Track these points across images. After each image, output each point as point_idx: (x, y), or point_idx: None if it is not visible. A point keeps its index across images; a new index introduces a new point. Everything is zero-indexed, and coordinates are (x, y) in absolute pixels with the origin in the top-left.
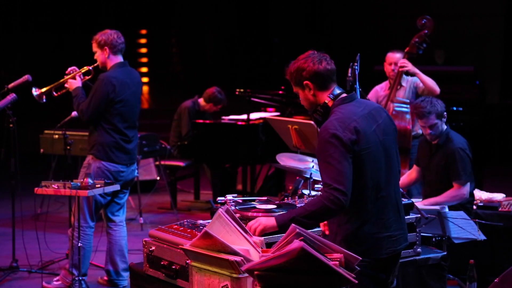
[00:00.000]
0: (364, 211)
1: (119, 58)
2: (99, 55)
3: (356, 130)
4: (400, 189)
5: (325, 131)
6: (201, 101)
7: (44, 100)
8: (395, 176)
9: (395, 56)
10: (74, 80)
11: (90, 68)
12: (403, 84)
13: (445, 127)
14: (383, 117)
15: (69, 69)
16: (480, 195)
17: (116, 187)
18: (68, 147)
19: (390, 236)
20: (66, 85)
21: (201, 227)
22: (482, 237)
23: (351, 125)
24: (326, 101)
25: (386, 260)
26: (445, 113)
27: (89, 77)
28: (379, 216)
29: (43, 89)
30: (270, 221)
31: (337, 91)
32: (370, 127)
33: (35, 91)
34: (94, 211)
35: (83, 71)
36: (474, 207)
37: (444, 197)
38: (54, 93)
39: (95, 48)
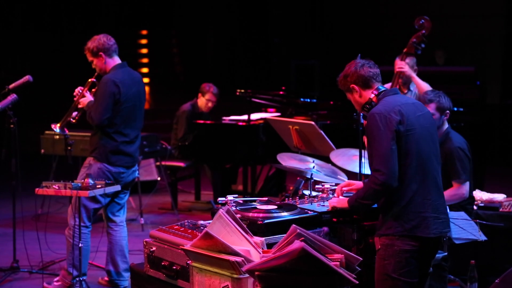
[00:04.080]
0: (410, 190)
1: (116, 60)
2: (97, 63)
3: (400, 112)
4: None
5: (371, 115)
6: (199, 101)
7: (66, 131)
8: (438, 163)
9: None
10: (84, 98)
11: (94, 80)
12: (411, 88)
13: (446, 126)
14: (425, 110)
15: (76, 91)
16: (481, 195)
17: (117, 187)
18: (69, 148)
19: (437, 218)
20: (79, 106)
21: (201, 227)
22: (483, 237)
23: (396, 108)
24: (371, 97)
25: (433, 241)
26: (447, 111)
27: (96, 88)
28: (426, 196)
29: (59, 123)
30: (344, 203)
31: (381, 88)
32: (414, 113)
33: (55, 128)
34: (93, 212)
35: (88, 86)
36: (475, 207)
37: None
38: (72, 120)
39: (90, 57)
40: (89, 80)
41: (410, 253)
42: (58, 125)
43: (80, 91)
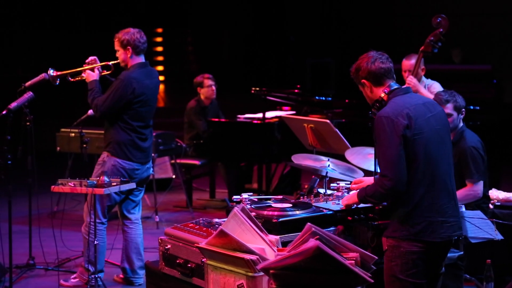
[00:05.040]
0: (417, 194)
1: (141, 58)
2: (121, 54)
3: (408, 116)
4: None
5: (378, 118)
6: (201, 96)
7: (57, 83)
8: (449, 165)
9: (408, 63)
10: (92, 72)
11: (110, 64)
12: (423, 80)
13: (461, 124)
14: (437, 110)
15: (90, 58)
16: (497, 194)
17: (132, 185)
18: (85, 145)
19: (444, 222)
20: (83, 74)
21: (216, 225)
22: (499, 236)
23: (404, 112)
24: (382, 96)
25: (440, 245)
26: (463, 109)
27: (108, 72)
28: (433, 200)
29: (60, 72)
30: (354, 198)
31: (393, 86)
32: (423, 115)
33: (52, 72)
34: (108, 209)
35: (102, 65)
36: (491, 206)
37: (458, 195)
38: (70, 78)
39: (117, 46)
40: (107, 62)
41: (417, 255)
42: (57, 73)
43: (94, 62)
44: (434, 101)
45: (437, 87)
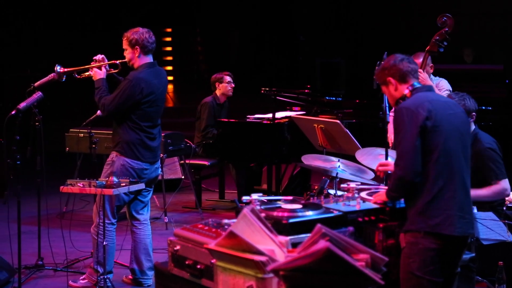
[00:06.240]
0: (437, 185)
1: (149, 58)
2: (129, 53)
3: (428, 108)
4: None
5: (398, 109)
6: (217, 92)
7: (63, 80)
8: (468, 164)
9: (417, 62)
10: (99, 71)
11: (118, 62)
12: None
13: (473, 127)
14: (459, 110)
15: (97, 56)
16: (510, 196)
17: (141, 185)
18: (93, 146)
19: (462, 217)
20: (90, 72)
21: (226, 226)
22: (511, 238)
23: (425, 104)
24: (405, 93)
25: (457, 240)
26: (473, 113)
27: (116, 71)
28: (452, 194)
29: (67, 69)
30: (383, 197)
31: (416, 85)
32: (444, 111)
33: (59, 68)
34: (117, 209)
35: (110, 63)
36: (504, 207)
37: (487, 191)
38: (77, 75)
39: (125, 45)
40: (114, 61)
41: (435, 252)
42: (64, 70)
43: (101, 60)
44: (457, 103)
45: (444, 84)
